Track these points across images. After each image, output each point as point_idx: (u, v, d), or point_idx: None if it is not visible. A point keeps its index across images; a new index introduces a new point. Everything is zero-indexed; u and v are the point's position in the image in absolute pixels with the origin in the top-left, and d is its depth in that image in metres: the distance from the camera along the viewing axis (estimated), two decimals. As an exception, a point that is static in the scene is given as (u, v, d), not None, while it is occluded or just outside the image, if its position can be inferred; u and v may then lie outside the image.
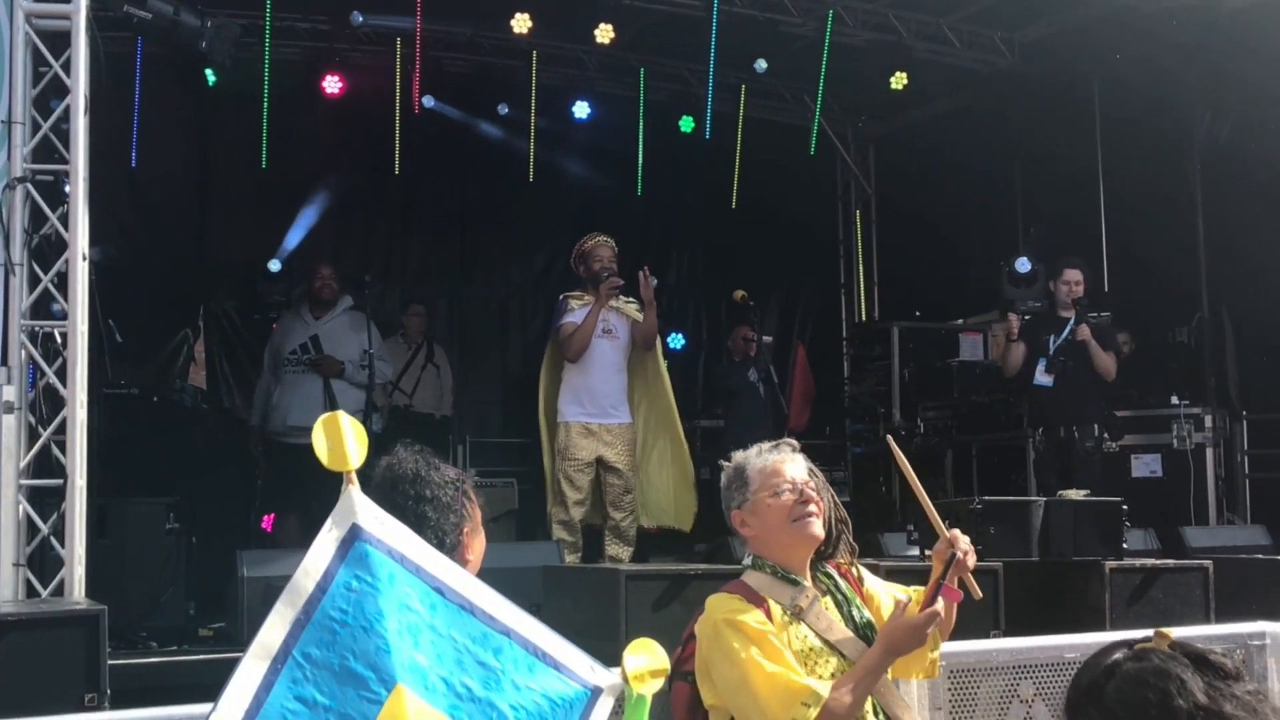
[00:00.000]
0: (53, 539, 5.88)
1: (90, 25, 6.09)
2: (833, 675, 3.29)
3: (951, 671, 5.00)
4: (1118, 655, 2.01)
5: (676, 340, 12.88)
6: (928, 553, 7.23)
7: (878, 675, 3.29)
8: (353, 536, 2.25)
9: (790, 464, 3.46)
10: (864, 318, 13.08)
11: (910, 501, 10.20)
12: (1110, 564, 6.74)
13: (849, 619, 3.42)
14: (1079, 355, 9.06)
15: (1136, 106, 10.57)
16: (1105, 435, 9.19)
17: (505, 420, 12.14)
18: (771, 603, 3.34)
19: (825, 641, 3.35)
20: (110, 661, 4.94)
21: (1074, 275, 9.20)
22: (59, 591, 5.75)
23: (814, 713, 3.15)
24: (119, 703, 4.78)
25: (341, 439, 2.29)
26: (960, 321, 11.67)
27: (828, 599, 3.41)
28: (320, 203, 11.42)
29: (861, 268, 13.29)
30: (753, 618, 3.28)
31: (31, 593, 5.81)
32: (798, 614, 3.32)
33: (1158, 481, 9.82)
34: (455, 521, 3.08)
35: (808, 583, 3.41)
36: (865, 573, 3.59)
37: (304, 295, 9.46)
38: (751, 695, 3.19)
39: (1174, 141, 10.80)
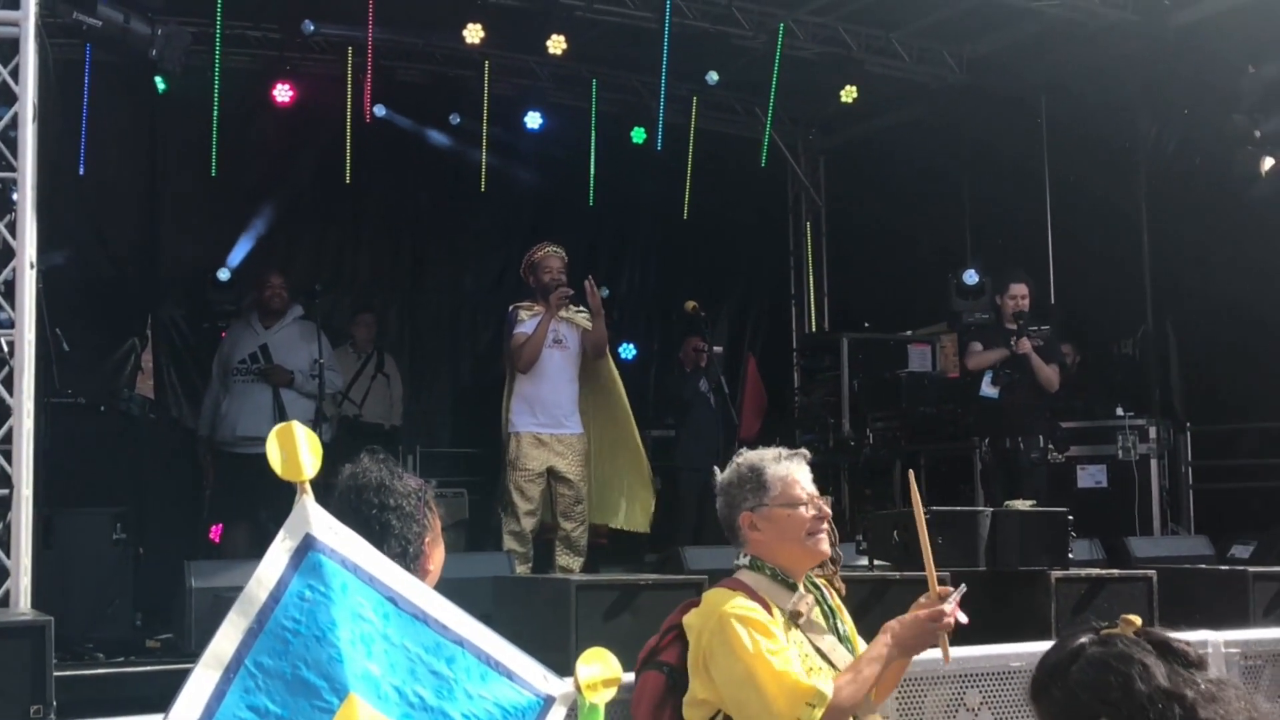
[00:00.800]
0: (-2, 549, 5.82)
1: (39, 33, 6.05)
2: None
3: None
4: (1084, 639, 2.06)
5: (628, 350, 12.91)
6: (878, 563, 7.31)
7: (879, 666, 3.30)
8: (306, 546, 2.25)
9: (807, 476, 3.51)
10: (814, 328, 13.17)
11: (859, 512, 10.30)
12: (1056, 574, 6.79)
13: (834, 630, 3.46)
14: (1023, 368, 9.15)
15: (1084, 119, 10.70)
16: (1050, 446, 9.29)
17: (455, 430, 12.12)
18: (771, 604, 3.37)
19: (818, 649, 3.38)
20: (56, 673, 4.89)
21: (1019, 289, 9.30)
22: (4, 602, 5.69)
23: (819, 713, 3.17)
24: (65, 715, 4.74)
25: (296, 449, 2.30)
26: (909, 333, 11.77)
27: (817, 609, 3.44)
28: (270, 211, 11.38)
29: (812, 279, 13.37)
30: (761, 614, 3.30)
31: (-24, 604, 5.75)
32: (795, 619, 3.36)
33: (1103, 492, 9.92)
34: (418, 531, 3.10)
35: (803, 590, 3.45)
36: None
37: (254, 304, 9.42)
38: (757, 691, 3.20)
39: (1120, 154, 10.94)
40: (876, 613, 6.35)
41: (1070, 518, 7.13)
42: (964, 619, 3.36)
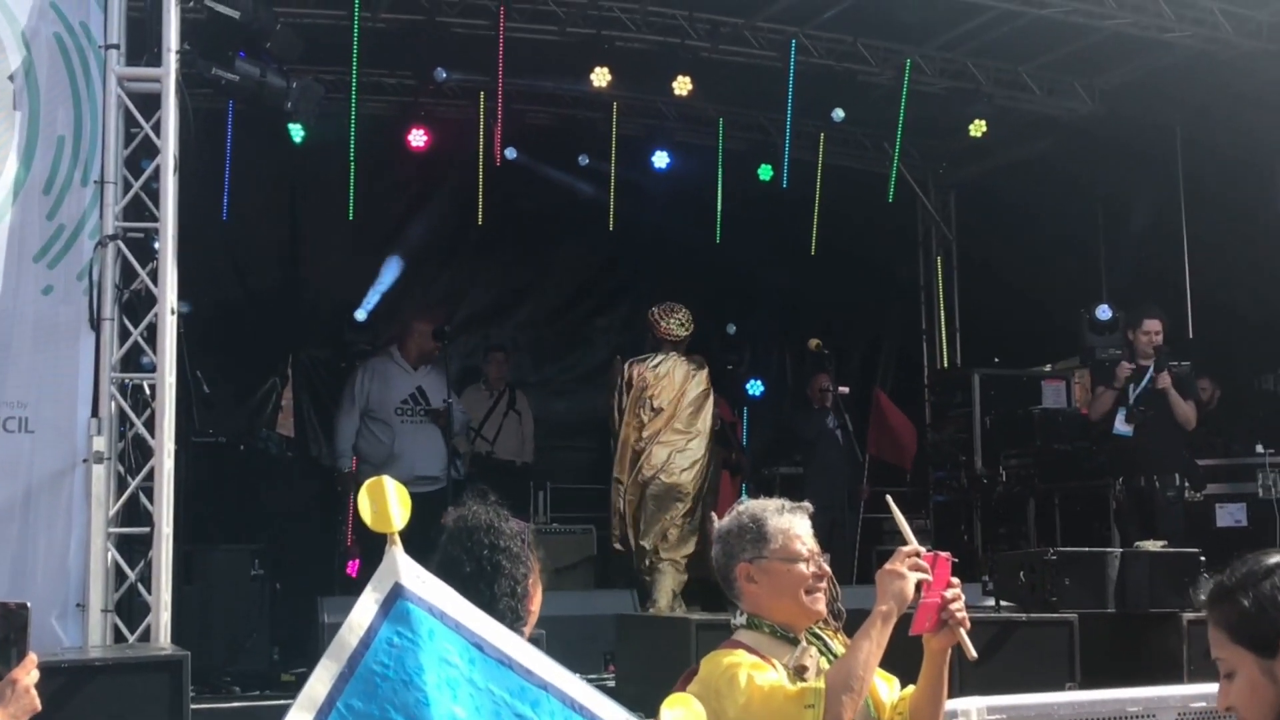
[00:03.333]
0: (140, 585, 6.06)
1: (179, 86, 6.32)
2: None
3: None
4: (1275, 559, 2.16)
5: (756, 387, 12.93)
6: (1004, 604, 7.24)
7: (871, 638, 3.19)
8: (395, 595, 2.33)
9: (808, 531, 3.44)
10: (945, 364, 13.05)
11: (990, 550, 10.19)
12: (1188, 616, 6.67)
13: None
14: (1159, 404, 8.98)
15: (1221, 150, 10.48)
16: (1186, 484, 9.10)
17: (585, 467, 12.25)
18: (774, 661, 3.33)
19: None
20: (194, 706, 5.10)
21: (1153, 325, 9.14)
22: (145, 637, 5.92)
23: (820, 709, 3.14)
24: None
25: (386, 502, 2.39)
26: (1046, 368, 11.61)
27: (822, 659, 3.43)
28: (405, 253, 11.66)
29: (943, 314, 13.26)
30: (751, 657, 3.29)
31: (119, 638, 5.99)
32: (801, 673, 3.31)
33: (1242, 531, 9.66)
34: (524, 571, 3.18)
35: (805, 643, 3.40)
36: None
37: (399, 344, 9.70)
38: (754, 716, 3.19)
39: (1259, 185, 10.69)
40: (1002, 656, 6.31)
41: (1203, 558, 6.99)
42: (957, 584, 3.23)
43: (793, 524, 3.44)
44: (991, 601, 7.31)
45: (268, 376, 11.49)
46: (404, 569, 2.35)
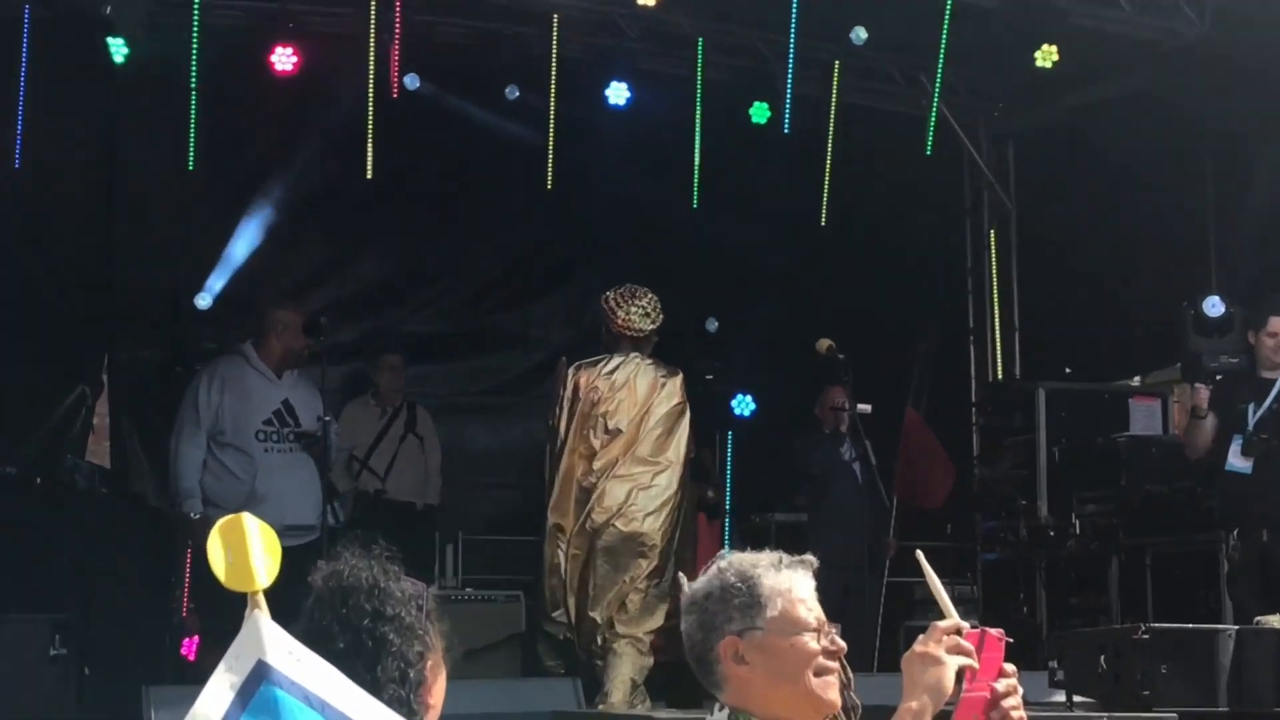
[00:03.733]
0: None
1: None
2: None
3: None
4: None
5: (744, 404, 12.93)
6: (1077, 700, 7.26)
7: None
8: (258, 677, 2.31)
9: (813, 591, 3.42)
10: (1000, 375, 13.07)
11: (1059, 627, 10.20)
12: (1326, 718, 6.71)
13: None
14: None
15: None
16: (1326, 540, 9.16)
17: (511, 512, 12.20)
18: None
19: None
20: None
21: (1281, 325, 9.21)
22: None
23: None
24: None
25: (246, 548, 2.36)
26: (1134, 382, 11.64)
27: None
28: (265, 217, 11.57)
29: (997, 307, 13.28)
30: None
31: None
32: None
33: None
34: (420, 650, 3.14)
35: None
36: None
37: (256, 342, 9.58)
38: None
39: None
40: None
41: (1346, 640, 7.03)
42: (1012, 673, 3.26)
43: (794, 583, 3.41)
44: (1061, 696, 7.33)
45: (74, 384, 11.37)
46: (270, 642, 2.33)
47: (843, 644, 3.39)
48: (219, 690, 2.32)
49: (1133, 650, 6.92)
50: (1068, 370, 11.91)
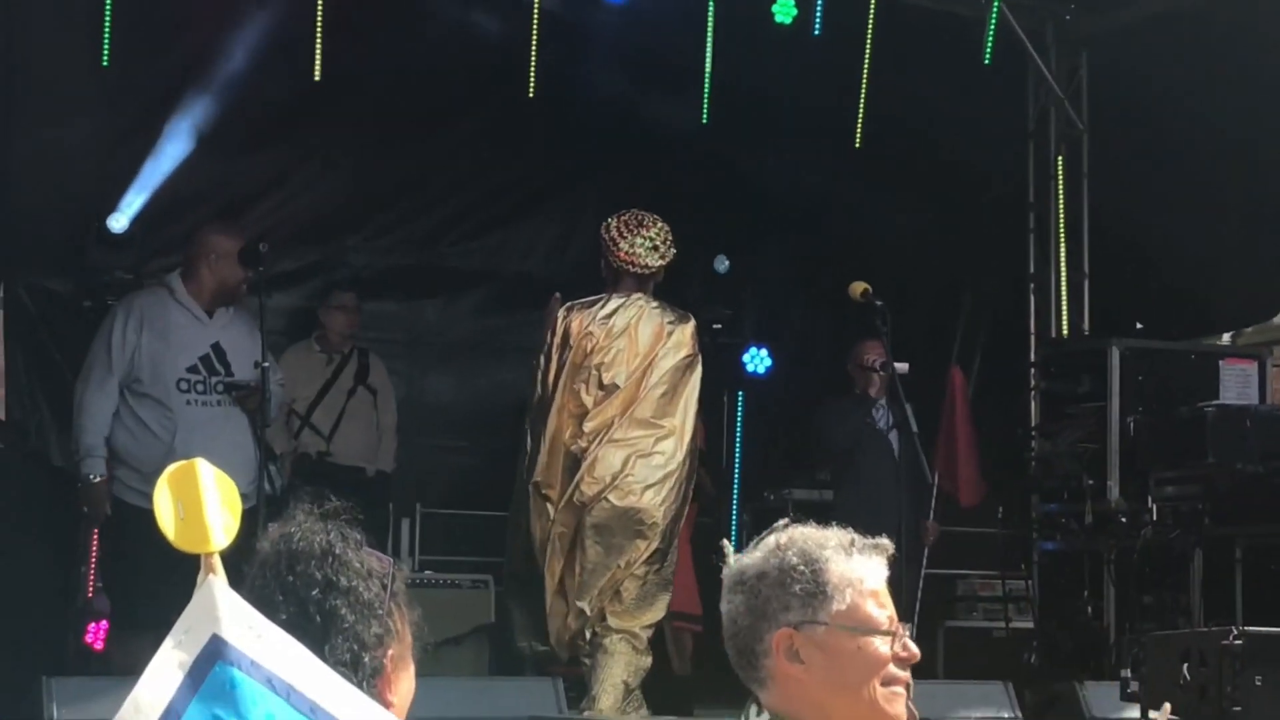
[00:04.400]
0: None
1: None
2: None
3: None
4: None
5: (758, 360, 12.93)
6: (1153, 715, 7.27)
7: None
8: (213, 655, 2.31)
9: (885, 584, 3.38)
10: (1065, 331, 13.07)
11: (1131, 629, 10.23)
12: None
13: None
14: None
15: None
16: None
17: (478, 481, 12.22)
18: None
19: None
20: None
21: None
22: None
23: None
24: None
25: (200, 501, 2.36)
26: (1225, 340, 11.65)
27: None
28: (193, 125, 11.54)
29: (1064, 250, 13.27)
30: None
31: None
32: None
33: None
34: (378, 634, 3.13)
35: None
36: None
37: (185, 273, 9.53)
38: None
39: None
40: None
41: None
42: None
43: (867, 573, 3.37)
44: (1135, 711, 7.34)
45: (-42, 319, 11.39)
46: (228, 614, 2.33)
47: (916, 651, 3.35)
48: (165, 670, 2.32)
49: (1222, 658, 6.92)
50: (1144, 326, 11.90)
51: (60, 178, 11.55)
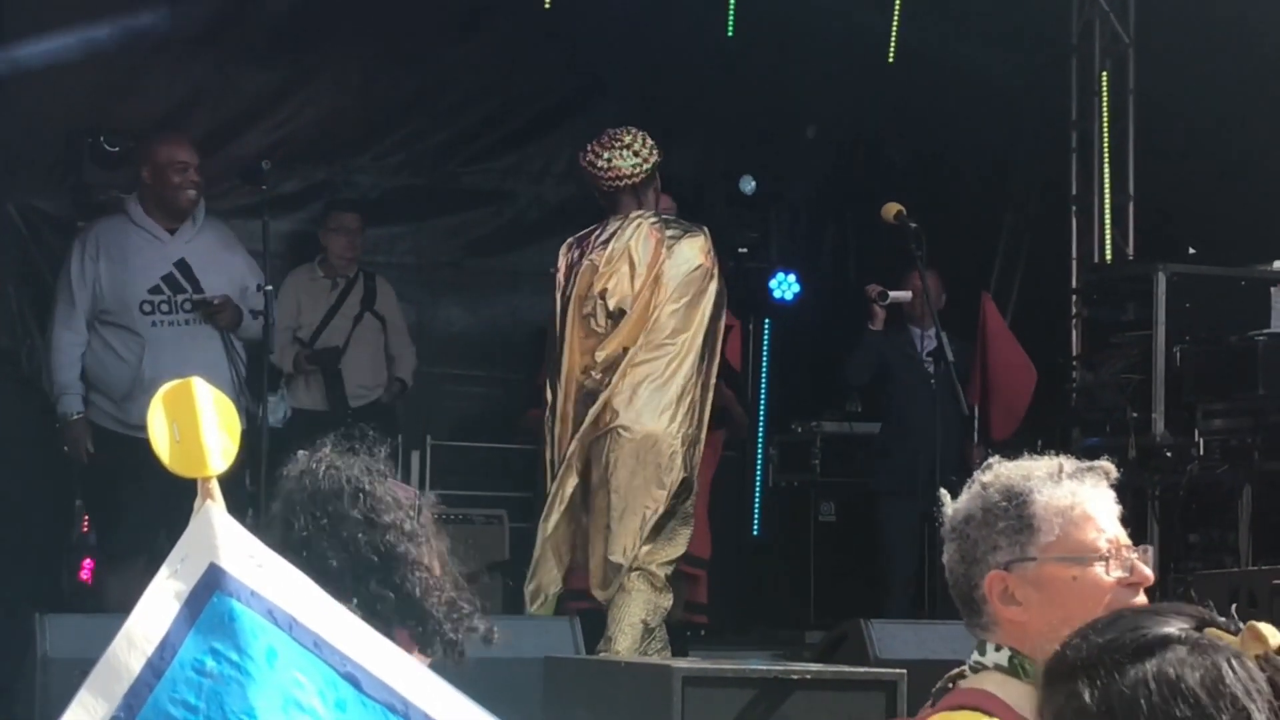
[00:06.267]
0: None
1: None
2: None
3: None
4: (1170, 629, 2.16)
5: (786, 285, 12.89)
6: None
7: None
8: (210, 585, 2.29)
9: (1109, 508, 3.33)
10: (1108, 256, 13.03)
11: (1178, 569, 10.22)
12: None
13: None
14: None
15: None
16: None
17: (492, 412, 12.22)
18: None
19: None
20: None
21: None
22: None
23: None
24: None
25: (197, 423, 2.34)
26: (1275, 266, 11.61)
27: None
28: (192, 36, 11.51)
29: (1108, 169, 13.20)
30: None
31: None
32: None
33: None
34: (423, 574, 3.16)
35: None
36: None
37: (150, 192, 9.56)
38: None
39: None
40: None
41: None
42: None
43: (1077, 497, 3.31)
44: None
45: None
46: (226, 542, 2.32)
47: (1147, 572, 3.31)
48: (160, 601, 2.31)
49: (1272, 597, 6.93)
50: (1193, 250, 11.87)
51: (52, 93, 11.52)
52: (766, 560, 12.41)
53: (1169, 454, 11.14)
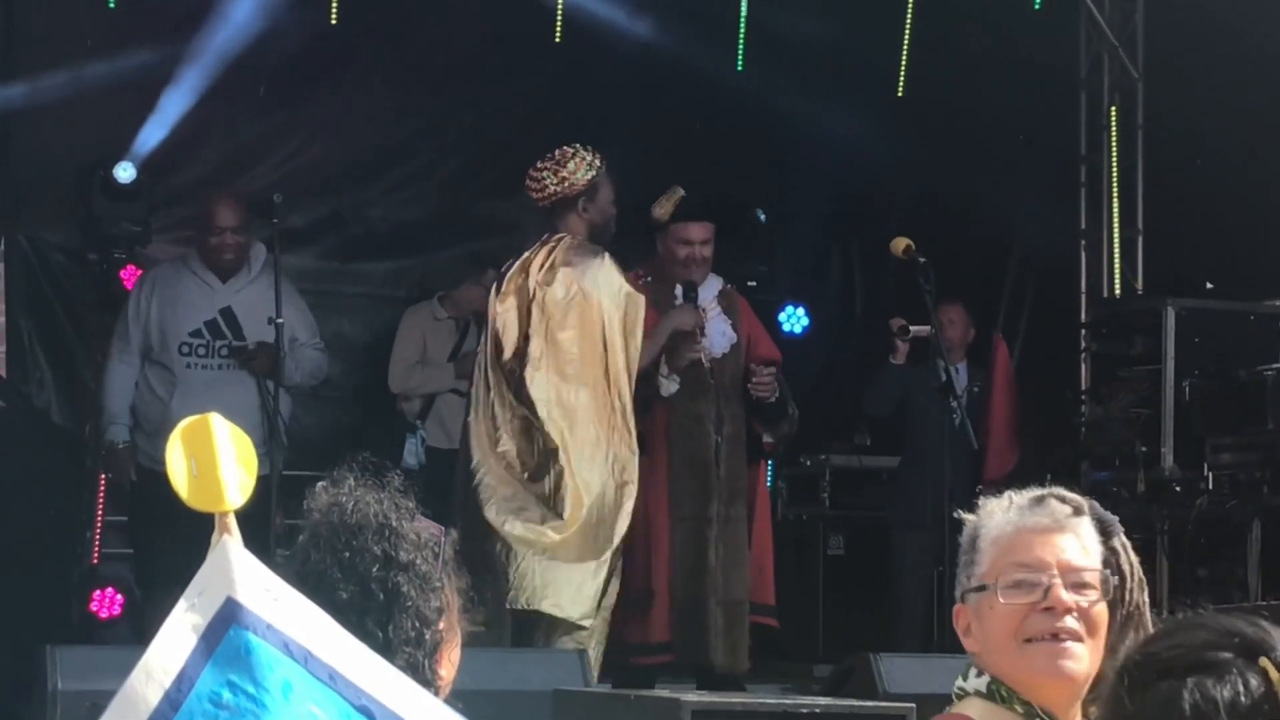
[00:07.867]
0: None
1: None
2: None
3: None
4: (1226, 654, 2.15)
5: (796, 319, 12.91)
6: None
7: None
8: (227, 618, 2.34)
9: (1052, 536, 3.27)
10: (1117, 290, 13.04)
11: (1185, 602, 10.19)
12: None
13: None
14: None
15: None
16: None
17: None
18: None
19: None
20: None
21: None
22: None
23: None
24: None
25: (214, 457, 2.37)
26: (1284, 301, 11.63)
27: None
28: (203, 69, 11.54)
29: (1117, 205, 13.22)
30: None
31: None
32: None
33: None
34: (438, 607, 3.17)
35: None
36: None
37: (196, 242, 9.85)
38: None
39: None
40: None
41: None
42: None
43: (1018, 525, 3.30)
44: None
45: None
46: (242, 576, 2.34)
47: (1063, 599, 3.20)
48: (177, 634, 2.33)
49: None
50: (1209, 286, 11.87)
51: (63, 127, 11.56)
52: (775, 592, 12.38)
53: (1178, 488, 11.13)
